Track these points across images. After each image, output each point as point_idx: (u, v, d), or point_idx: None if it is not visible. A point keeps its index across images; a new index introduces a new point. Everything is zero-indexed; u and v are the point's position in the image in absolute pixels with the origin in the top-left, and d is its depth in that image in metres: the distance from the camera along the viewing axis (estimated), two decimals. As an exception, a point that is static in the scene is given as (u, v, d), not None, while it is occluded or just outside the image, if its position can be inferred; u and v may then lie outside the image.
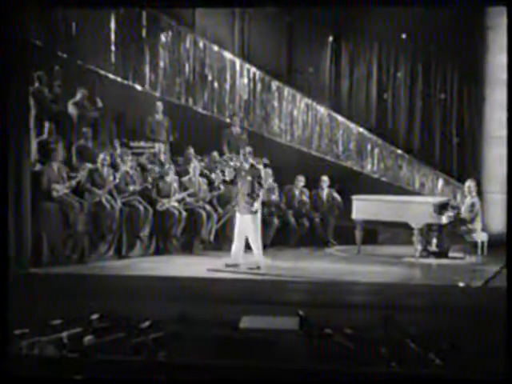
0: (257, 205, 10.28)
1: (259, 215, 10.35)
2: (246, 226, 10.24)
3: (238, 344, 6.75)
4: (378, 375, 5.94)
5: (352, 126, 15.07)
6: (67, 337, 6.77)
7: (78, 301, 8.00)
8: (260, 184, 10.27)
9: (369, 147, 15.06)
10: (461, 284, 9.41)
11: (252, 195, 10.17)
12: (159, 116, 13.35)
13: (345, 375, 5.93)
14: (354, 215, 11.94)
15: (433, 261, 11.43)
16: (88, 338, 6.76)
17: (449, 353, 6.29)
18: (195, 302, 8.12)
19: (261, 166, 12.05)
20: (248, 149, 10.77)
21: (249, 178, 10.26)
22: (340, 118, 15.03)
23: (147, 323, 7.13)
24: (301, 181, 13.29)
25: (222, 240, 12.04)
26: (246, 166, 10.37)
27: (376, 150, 15.07)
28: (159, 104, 13.41)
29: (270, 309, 7.87)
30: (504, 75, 12.06)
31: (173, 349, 6.51)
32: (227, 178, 10.88)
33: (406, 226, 11.57)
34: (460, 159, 14.81)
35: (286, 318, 7.47)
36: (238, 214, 10.38)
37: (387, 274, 10.26)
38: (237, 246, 10.35)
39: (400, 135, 15.42)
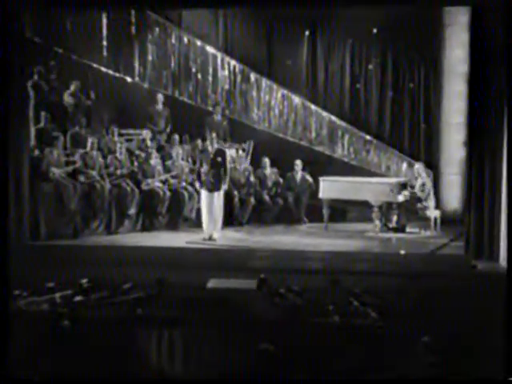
0: (224, 186, 11.53)
1: (222, 193, 11.52)
2: (212, 201, 11.41)
3: (205, 302, 7.77)
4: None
5: (324, 114, 15.91)
6: (59, 297, 7.74)
7: (70, 268, 9.03)
8: (225, 165, 11.45)
9: (339, 133, 15.99)
10: (402, 252, 10.60)
11: (217, 175, 11.37)
12: (159, 107, 14.25)
13: (293, 325, 7.06)
14: (321, 194, 12.92)
15: (391, 235, 12.38)
16: (77, 298, 7.85)
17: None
18: (172, 269, 9.17)
19: (231, 151, 13.27)
20: (214, 134, 11.98)
21: (215, 159, 11.42)
22: (313, 107, 15.88)
23: (129, 285, 8.13)
24: (265, 162, 14.33)
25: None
26: (214, 148, 11.55)
27: (346, 136, 16.02)
28: (160, 96, 14.24)
29: (236, 273, 9.01)
30: (461, 68, 13.27)
31: (150, 306, 7.59)
32: None
33: (367, 204, 12.63)
34: (427, 144, 15.70)
35: (247, 280, 8.58)
36: (204, 192, 11.51)
37: (347, 247, 11.32)
38: (207, 221, 11.48)
39: (372, 122, 16.16)
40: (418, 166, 12.85)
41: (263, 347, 6.04)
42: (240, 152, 14.27)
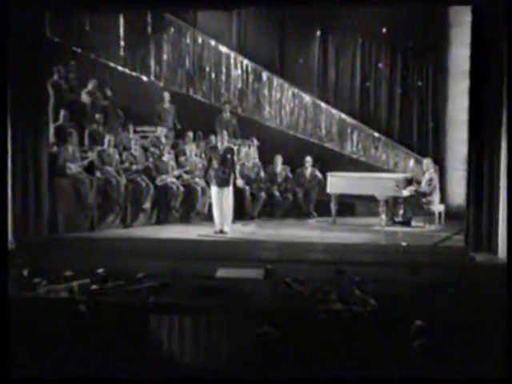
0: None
1: (231, 188, 11.89)
2: (222, 197, 11.77)
3: (214, 290, 8.07)
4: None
5: (334, 111, 16.33)
6: (77, 285, 8.05)
7: (87, 259, 9.40)
8: (233, 162, 11.86)
9: (349, 130, 16.38)
10: (403, 244, 10.96)
11: (226, 171, 11.76)
12: (166, 104, 14.70)
13: (296, 312, 7.43)
14: (329, 189, 13.32)
15: (397, 229, 12.73)
16: (93, 286, 8.25)
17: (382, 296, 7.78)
18: (184, 260, 9.58)
19: (245, 148, 13.68)
20: (225, 132, 12.39)
21: (224, 156, 11.78)
22: (323, 105, 16.28)
23: (142, 274, 8.46)
24: (277, 160, 14.78)
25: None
26: (223, 145, 11.96)
27: (355, 133, 16.40)
28: (166, 94, 14.67)
29: (245, 264, 9.28)
30: (466, 66, 13.55)
31: (162, 294, 7.93)
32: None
33: (374, 199, 13.02)
34: (435, 141, 16.05)
35: (254, 269, 8.93)
36: (214, 187, 11.86)
37: (352, 239, 11.64)
38: (218, 215, 11.84)
39: (381, 120, 16.57)
40: (427, 161, 13.21)
41: (264, 330, 6.40)
42: (252, 148, 14.70)
